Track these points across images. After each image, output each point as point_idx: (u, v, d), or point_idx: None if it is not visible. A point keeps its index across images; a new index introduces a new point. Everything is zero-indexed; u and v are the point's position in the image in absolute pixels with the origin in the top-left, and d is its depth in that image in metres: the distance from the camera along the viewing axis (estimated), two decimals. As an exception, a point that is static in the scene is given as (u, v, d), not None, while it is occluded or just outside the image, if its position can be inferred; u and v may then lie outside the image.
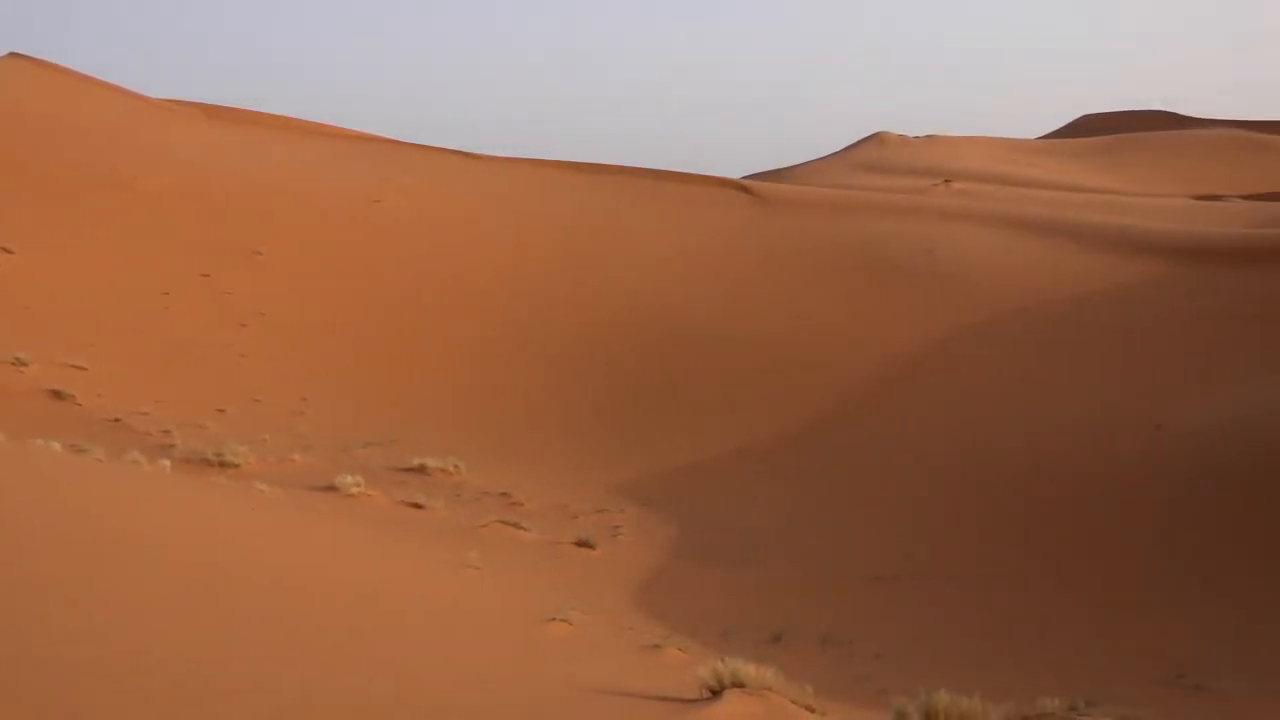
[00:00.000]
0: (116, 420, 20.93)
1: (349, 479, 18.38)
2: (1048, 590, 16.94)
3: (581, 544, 17.67)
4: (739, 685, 7.48)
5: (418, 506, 18.19)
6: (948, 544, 18.98)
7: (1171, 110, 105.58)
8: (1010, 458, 22.20)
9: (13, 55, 42.55)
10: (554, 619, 11.35)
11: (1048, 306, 29.95)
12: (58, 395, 21.54)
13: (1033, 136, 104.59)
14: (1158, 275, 31.81)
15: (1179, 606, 15.84)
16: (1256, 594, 15.81)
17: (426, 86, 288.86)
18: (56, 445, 15.55)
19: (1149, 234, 36.07)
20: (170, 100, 47.45)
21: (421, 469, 20.67)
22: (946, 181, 62.66)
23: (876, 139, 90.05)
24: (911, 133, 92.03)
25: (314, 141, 45.00)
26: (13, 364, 22.06)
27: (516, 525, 17.86)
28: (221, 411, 22.75)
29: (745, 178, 54.84)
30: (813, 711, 7.64)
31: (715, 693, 7.41)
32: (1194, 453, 20.48)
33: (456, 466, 20.96)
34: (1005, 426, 23.66)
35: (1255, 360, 25.47)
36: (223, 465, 18.80)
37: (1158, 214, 46.90)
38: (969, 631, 15.45)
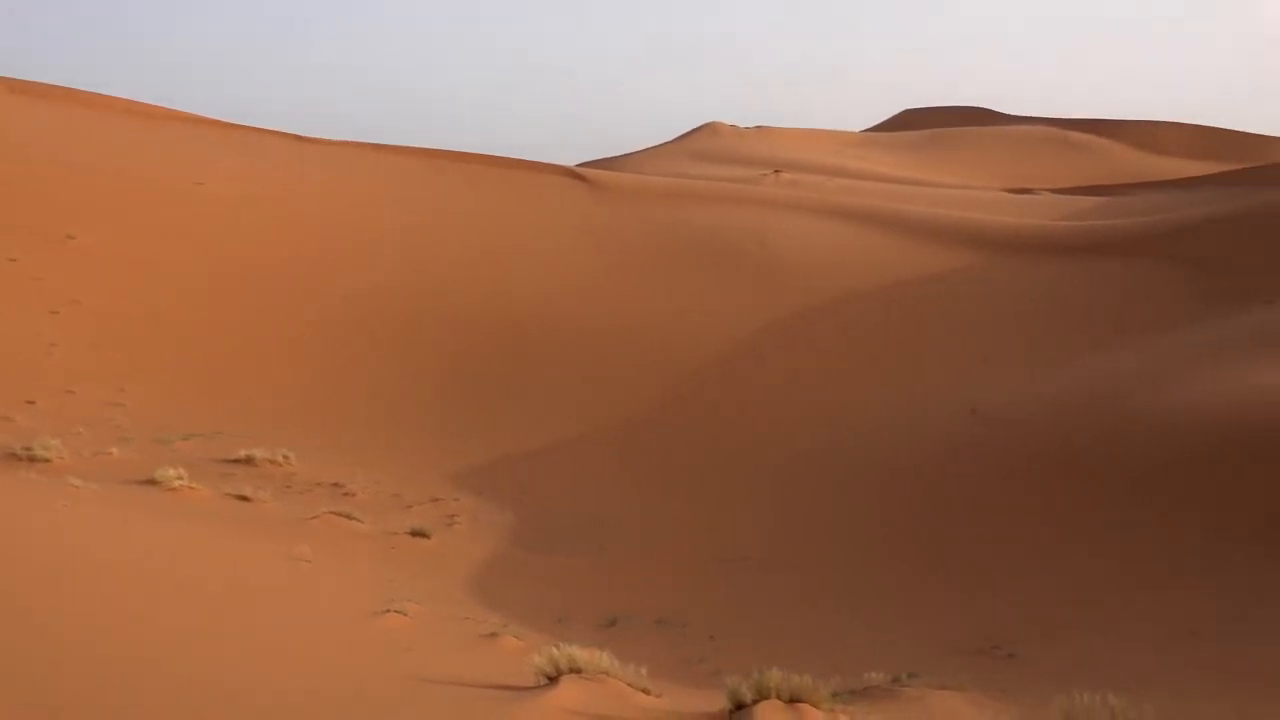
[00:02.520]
0: (-86, 414, 19.74)
1: (171, 472, 17.68)
2: (872, 568, 17.55)
3: (416, 534, 17.48)
4: (575, 671, 7.56)
5: (245, 499, 17.63)
6: (782, 526, 19.47)
7: (988, 107, 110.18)
8: (836, 441, 22.90)
9: None
10: (388, 610, 11.20)
11: (873, 293, 30.99)
12: None
13: (857, 130, 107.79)
14: (974, 264, 33.27)
15: (991, 581, 16.63)
16: (1065, 568, 16.71)
17: (266, 71, 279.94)
18: None
19: (965, 224, 37.67)
20: (-30, 74, 44.81)
21: (249, 460, 20.07)
22: (776, 172, 64.01)
23: (709, 129, 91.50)
24: (742, 123, 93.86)
25: (132, 121, 43.11)
26: None
27: (349, 516, 17.52)
28: (31, 403, 21.63)
29: (578, 165, 54.97)
30: (648, 693, 7.76)
31: (552, 679, 7.47)
32: (1008, 433, 21.50)
33: (286, 457, 20.43)
34: (831, 411, 24.39)
35: (1066, 347, 26.90)
36: (32, 460, 17.88)
37: (974, 205, 48.94)
38: (799, 611, 15.88)
